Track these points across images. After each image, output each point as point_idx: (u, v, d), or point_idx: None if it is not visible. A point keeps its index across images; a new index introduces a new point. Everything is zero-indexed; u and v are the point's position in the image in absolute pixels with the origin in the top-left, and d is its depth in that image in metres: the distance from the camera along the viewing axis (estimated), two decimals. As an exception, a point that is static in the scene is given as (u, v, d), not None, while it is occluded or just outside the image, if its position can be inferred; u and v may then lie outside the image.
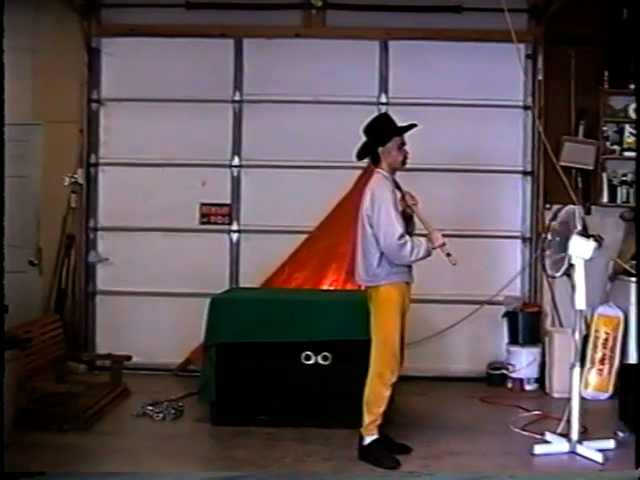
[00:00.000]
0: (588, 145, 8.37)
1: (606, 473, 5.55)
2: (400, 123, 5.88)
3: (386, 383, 5.69)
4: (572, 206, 6.35)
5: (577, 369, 6.05)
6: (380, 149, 5.82)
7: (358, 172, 7.89)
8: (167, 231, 8.65)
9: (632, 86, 8.06)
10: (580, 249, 5.94)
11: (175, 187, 8.61)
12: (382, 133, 5.84)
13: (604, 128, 8.43)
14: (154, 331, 8.47)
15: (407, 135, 5.87)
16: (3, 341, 5.17)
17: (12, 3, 7.35)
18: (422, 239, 5.70)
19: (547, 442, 6.07)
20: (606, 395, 7.73)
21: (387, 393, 5.71)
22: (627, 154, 8.33)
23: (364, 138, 5.89)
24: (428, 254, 5.68)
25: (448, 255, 5.67)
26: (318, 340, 6.45)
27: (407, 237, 5.63)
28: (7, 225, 5.35)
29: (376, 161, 5.87)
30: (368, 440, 5.71)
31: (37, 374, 6.94)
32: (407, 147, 5.86)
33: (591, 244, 5.92)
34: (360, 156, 5.99)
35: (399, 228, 5.60)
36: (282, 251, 8.45)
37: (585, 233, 5.99)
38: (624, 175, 8.37)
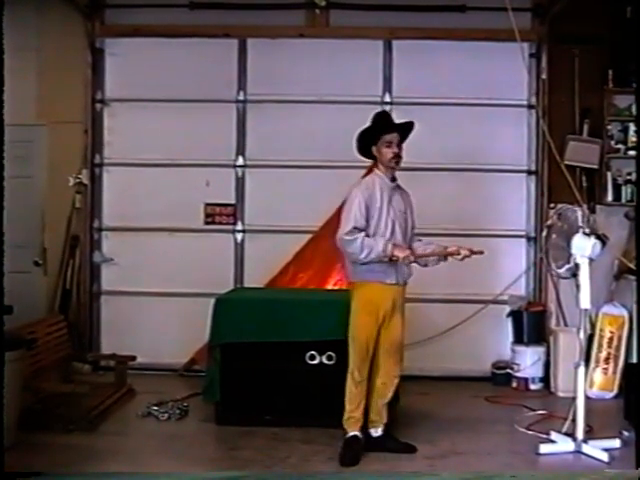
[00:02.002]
0: (592, 144, 8.36)
1: (606, 472, 5.54)
2: (402, 121, 5.88)
3: (355, 381, 5.74)
4: (575, 205, 6.35)
5: (582, 368, 6.05)
6: (373, 148, 5.83)
7: (362, 171, 7.87)
8: (172, 231, 8.66)
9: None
10: (580, 247, 5.93)
11: (179, 187, 8.62)
12: (370, 132, 5.86)
13: (608, 127, 8.42)
14: (159, 331, 8.48)
15: (411, 135, 5.87)
16: (3, 341, 5.16)
17: (16, 3, 7.39)
18: (381, 243, 5.60)
19: (552, 441, 6.06)
20: (611, 394, 7.73)
21: (356, 391, 5.74)
22: (632, 153, 8.31)
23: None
24: (382, 258, 5.61)
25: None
26: (323, 340, 6.44)
27: (359, 234, 5.58)
28: (12, 225, 5.34)
29: (375, 160, 5.89)
30: (347, 434, 5.78)
31: (42, 374, 6.95)
32: (404, 146, 5.83)
33: (591, 241, 5.91)
34: (363, 154, 5.97)
35: (351, 223, 5.60)
36: (287, 251, 8.46)
37: (589, 231, 5.97)
38: (629, 174, 8.34)
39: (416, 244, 5.99)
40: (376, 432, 5.88)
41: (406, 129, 5.94)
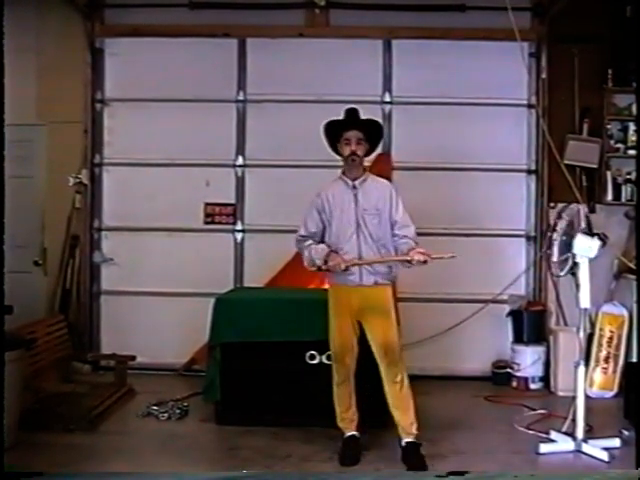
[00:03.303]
0: (592, 143, 8.36)
1: (610, 473, 5.53)
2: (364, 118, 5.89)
3: (335, 382, 5.81)
4: (576, 205, 6.35)
5: (582, 368, 6.05)
6: (338, 146, 5.81)
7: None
8: (171, 231, 8.65)
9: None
10: (585, 248, 5.93)
11: (179, 187, 8.62)
12: (332, 129, 5.85)
13: (608, 126, 8.41)
14: (158, 331, 8.47)
15: (411, 134, 5.87)
16: (3, 341, 5.17)
17: (16, 4, 7.39)
18: (316, 251, 5.70)
19: (552, 441, 6.06)
20: (611, 393, 7.73)
21: (338, 392, 5.80)
22: (631, 152, 8.30)
23: None
24: (318, 266, 5.74)
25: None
26: (323, 339, 6.43)
27: (304, 242, 5.79)
28: (12, 225, 5.35)
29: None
30: (345, 435, 5.82)
31: (42, 374, 6.97)
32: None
33: (596, 242, 5.91)
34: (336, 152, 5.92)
35: (299, 232, 5.88)
36: (286, 250, 8.38)
37: (589, 231, 5.98)
38: (628, 173, 8.34)
39: (401, 241, 5.76)
40: (401, 441, 5.72)
41: (368, 127, 5.84)
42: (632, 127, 8.36)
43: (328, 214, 5.78)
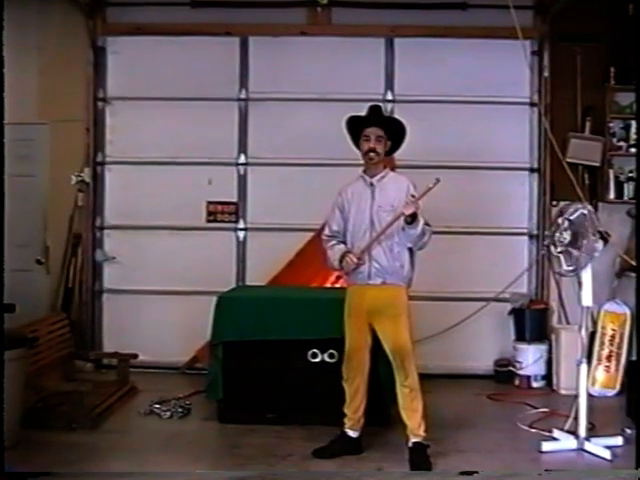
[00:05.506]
0: (594, 141, 8.35)
1: (618, 471, 5.53)
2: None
3: (343, 378, 5.80)
4: (581, 204, 6.33)
5: (584, 366, 6.04)
6: (360, 142, 5.80)
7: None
8: (174, 229, 8.65)
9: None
10: (592, 247, 5.93)
11: (181, 185, 8.61)
12: (352, 125, 5.85)
13: (610, 124, 8.40)
14: (161, 329, 8.47)
15: (413, 132, 5.87)
16: (3, 340, 5.16)
17: (18, 2, 7.40)
18: (335, 253, 5.72)
19: (555, 439, 6.06)
20: (613, 392, 7.73)
21: (345, 387, 5.79)
22: (633, 150, 8.29)
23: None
24: (334, 266, 5.82)
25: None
26: (324, 338, 6.44)
27: (329, 242, 5.80)
28: (14, 224, 5.37)
29: None
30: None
31: (44, 373, 6.97)
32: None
33: (599, 242, 5.91)
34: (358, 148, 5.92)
35: (325, 229, 5.91)
36: (289, 249, 8.45)
37: (594, 231, 5.96)
38: (630, 171, 8.32)
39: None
40: (408, 442, 5.68)
41: (390, 125, 5.84)
42: (634, 125, 8.35)
43: (347, 212, 5.78)
